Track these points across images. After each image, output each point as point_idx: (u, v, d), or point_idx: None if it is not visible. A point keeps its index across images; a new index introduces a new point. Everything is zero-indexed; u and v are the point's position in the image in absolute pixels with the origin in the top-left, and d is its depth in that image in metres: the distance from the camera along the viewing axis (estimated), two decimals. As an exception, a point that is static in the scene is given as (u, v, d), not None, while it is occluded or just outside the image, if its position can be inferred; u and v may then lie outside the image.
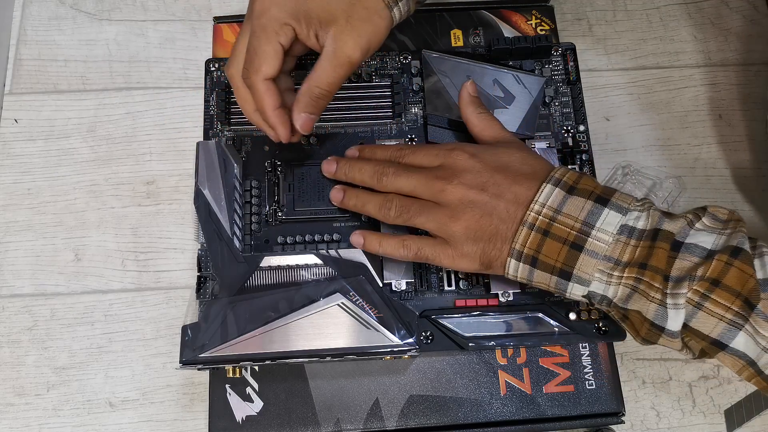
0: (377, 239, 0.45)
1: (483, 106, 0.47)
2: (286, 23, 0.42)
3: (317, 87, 0.43)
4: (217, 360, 0.43)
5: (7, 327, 0.51)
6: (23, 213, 0.54)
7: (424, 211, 0.43)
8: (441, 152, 0.44)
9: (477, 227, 0.41)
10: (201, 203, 0.46)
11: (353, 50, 0.42)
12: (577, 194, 0.40)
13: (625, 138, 0.56)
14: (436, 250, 0.43)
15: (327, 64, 0.42)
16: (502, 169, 0.42)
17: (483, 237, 0.41)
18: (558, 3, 0.59)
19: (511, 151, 0.44)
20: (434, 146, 0.46)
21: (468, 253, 0.42)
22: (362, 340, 0.43)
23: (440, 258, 0.43)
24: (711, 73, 0.59)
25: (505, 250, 0.41)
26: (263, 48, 0.42)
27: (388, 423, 0.45)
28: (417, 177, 0.43)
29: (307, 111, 0.44)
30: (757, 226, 0.54)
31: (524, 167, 0.42)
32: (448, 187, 0.42)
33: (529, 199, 0.41)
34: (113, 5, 0.60)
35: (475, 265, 0.42)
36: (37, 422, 0.49)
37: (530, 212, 0.40)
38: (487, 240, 0.41)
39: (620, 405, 0.46)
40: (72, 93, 0.57)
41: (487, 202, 0.41)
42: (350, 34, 0.42)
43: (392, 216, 0.44)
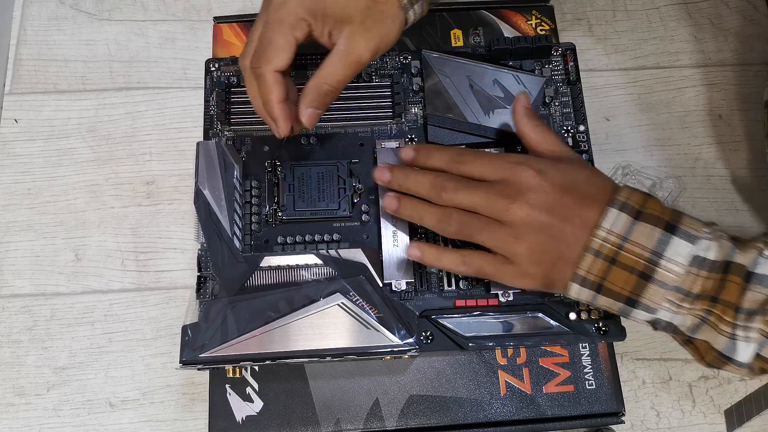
0: (436, 253, 0.44)
1: (538, 118, 0.46)
2: (303, 18, 0.42)
3: (326, 83, 0.43)
4: (217, 360, 0.43)
5: (7, 327, 0.51)
6: (23, 213, 0.54)
7: (485, 228, 0.41)
8: (505, 165, 0.42)
9: (542, 249, 0.40)
10: (201, 203, 0.46)
11: (364, 51, 0.42)
12: (645, 220, 0.39)
13: (625, 138, 0.56)
14: (497, 268, 0.42)
15: (337, 61, 0.43)
16: (569, 190, 0.41)
17: (547, 260, 0.41)
18: (558, 3, 0.59)
19: (576, 169, 0.42)
20: (496, 156, 0.44)
21: (530, 273, 0.41)
22: (362, 340, 0.43)
23: (501, 276, 0.42)
24: (710, 73, 0.59)
25: (568, 273, 0.40)
26: (277, 40, 0.42)
27: (388, 423, 0.45)
28: (479, 194, 0.41)
29: (313, 106, 0.44)
30: (757, 226, 0.54)
31: (590, 188, 0.41)
32: (512, 207, 0.40)
33: (594, 223, 0.39)
34: (113, 5, 0.60)
35: (536, 285, 0.42)
36: (37, 422, 0.49)
37: (595, 238, 0.39)
38: (551, 263, 0.41)
39: (620, 405, 0.46)
40: (72, 93, 0.57)
41: (554, 225, 0.40)
42: (363, 35, 0.42)
43: (452, 231, 0.42)
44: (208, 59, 0.53)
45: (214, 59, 0.53)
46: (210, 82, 0.52)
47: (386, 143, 0.50)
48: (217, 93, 0.51)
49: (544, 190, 0.40)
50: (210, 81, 0.52)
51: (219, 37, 0.55)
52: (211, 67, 0.53)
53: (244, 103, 0.51)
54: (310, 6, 0.42)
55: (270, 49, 0.42)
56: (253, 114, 0.51)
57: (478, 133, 0.50)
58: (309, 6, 0.42)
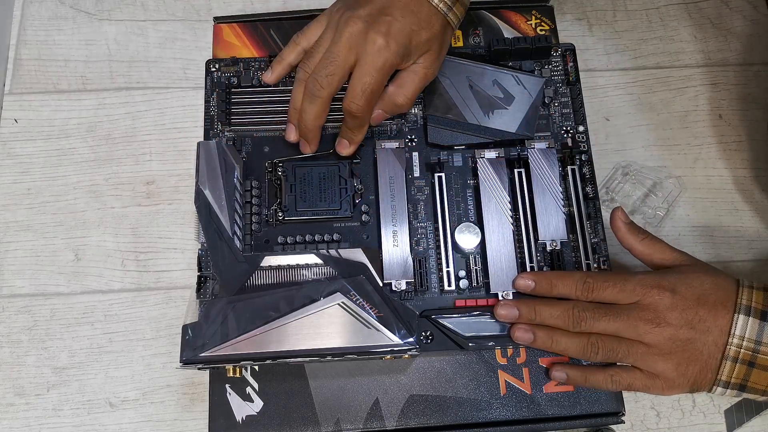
0: (582, 375, 0.45)
1: (641, 229, 0.46)
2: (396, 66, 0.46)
3: (403, 95, 0.47)
4: (217, 359, 0.43)
5: (7, 327, 0.51)
6: (23, 213, 0.54)
7: (631, 352, 0.43)
8: (637, 289, 0.43)
9: (687, 363, 0.43)
10: (202, 203, 0.46)
11: (435, 72, 0.48)
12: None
13: (625, 138, 0.56)
14: (645, 383, 0.44)
15: (417, 80, 0.47)
16: (701, 302, 0.43)
17: (692, 371, 0.43)
18: (558, 3, 0.59)
19: (701, 277, 0.44)
20: (624, 280, 0.44)
21: (678, 384, 0.43)
22: (362, 339, 0.43)
23: (650, 390, 0.44)
24: (711, 73, 0.59)
25: (710, 379, 0.43)
26: None
27: (388, 423, 0.45)
28: (619, 321, 0.43)
29: (387, 111, 0.48)
30: (756, 226, 0.54)
31: (718, 293, 0.43)
32: (656, 330, 0.42)
33: (727, 331, 0.42)
34: (113, 5, 0.60)
35: (683, 392, 0.44)
36: (37, 422, 0.49)
37: (730, 346, 0.42)
38: (696, 373, 0.43)
39: (620, 405, 0.46)
40: (72, 93, 0.57)
41: (696, 339, 0.42)
42: (438, 60, 0.48)
43: (597, 358, 0.44)
44: (208, 60, 0.53)
45: (215, 59, 0.53)
46: (210, 82, 0.52)
47: (386, 143, 0.50)
48: (217, 93, 0.51)
49: (681, 308, 0.43)
50: (210, 81, 0.53)
51: (219, 37, 0.55)
52: (211, 67, 0.53)
53: (244, 104, 0.51)
54: (404, 53, 0.45)
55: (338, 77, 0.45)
56: (253, 114, 0.51)
57: (477, 133, 0.50)
58: (402, 53, 0.45)
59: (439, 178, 0.50)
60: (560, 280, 0.45)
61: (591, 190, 0.50)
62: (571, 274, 0.46)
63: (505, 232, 0.48)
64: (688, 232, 0.54)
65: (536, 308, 0.45)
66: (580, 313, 0.44)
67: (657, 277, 0.44)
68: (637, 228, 0.46)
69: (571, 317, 0.44)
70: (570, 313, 0.44)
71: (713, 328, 0.42)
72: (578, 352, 0.44)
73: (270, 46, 0.54)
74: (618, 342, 0.43)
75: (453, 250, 0.48)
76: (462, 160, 0.51)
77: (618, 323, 0.43)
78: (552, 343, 0.45)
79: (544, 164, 0.49)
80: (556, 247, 0.48)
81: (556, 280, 0.45)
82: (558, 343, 0.44)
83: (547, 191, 0.49)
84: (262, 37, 0.55)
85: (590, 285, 0.44)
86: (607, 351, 0.43)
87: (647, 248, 0.46)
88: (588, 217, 0.49)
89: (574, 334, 0.44)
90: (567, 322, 0.44)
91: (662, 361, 0.43)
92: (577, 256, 0.48)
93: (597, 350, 0.43)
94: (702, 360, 0.42)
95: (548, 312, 0.45)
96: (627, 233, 0.46)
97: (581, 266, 0.48)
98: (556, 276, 0.46)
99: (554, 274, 0.46)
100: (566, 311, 0.44)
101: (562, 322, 0.44)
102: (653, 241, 0.46)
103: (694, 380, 0.43)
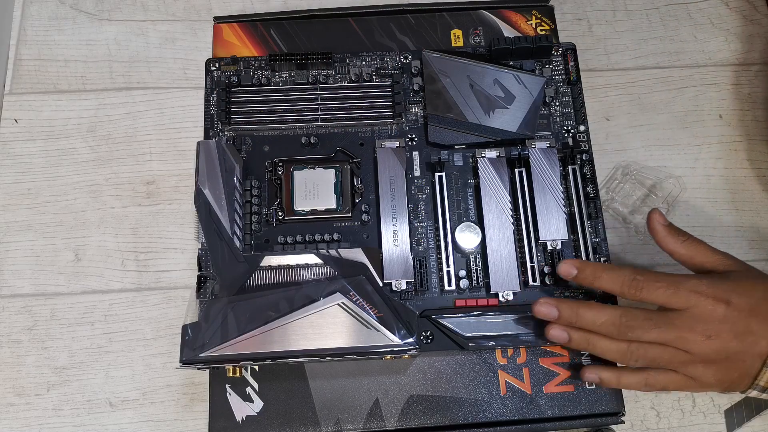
0: (616, 377, 0.44)
1: (680, 230, 0.45)
2: None
3: None
4: (217, 359, 0.43)
5: (7, 327, 0.51)
6: (23, 213, 0.54)
7: (674, 360, 0.42)
8: (691, 296, 0.42)
9: (727, 370, 0.42)
10: (201, 203, 0.46)
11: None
12: None
13: (625, 138, 0.56)
14: (680, 385, 0.43)
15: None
16: (754, 313, 0.41)
17: (731, 377, 0.42)
18: (558, 3, 0.59)
19: (755, 286, 0.42)
20: (675, 282, 0.42)
21: (713, 387, 0.43)
22: (362, 339, 0.43)
23: (684, 390, 0.43)
24: (711, 73, 0.59)
25: (747, 383, 0.42)
26: None
27: (388, 423, 0.45)
28: (669, 333, 0.41)
29: None
30: (756, 226, 0.54)
31: None
32: (704, 342, 0.41)
33: None
34: (113, 5, 0.60)
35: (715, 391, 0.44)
36: (37, 422, 0.49)
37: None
38: (733, 379, 0.42)
39: (620, 405, 0.46)
40: (72, 93, 0.57)
41: (743, 351, 0.41)
42: None
43: (638, 365, 0.43)
44: (208, 59, 0.53)
45: (215, 59, 0.53)
46: (210, 81, 0.52)
47: (386, 143, 0.50)
48: (217, 93, 0.51)
49: (733, 320, 0.41)
50: (210, 81, 0.53)
51: (219, 37, 0.55)
52: (211, 66, 0.53)
53: (244, 103, 0.51)
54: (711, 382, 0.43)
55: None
56: (253, 113, 0.51)
57: (478, 132, 0.50)
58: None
59: (440, 178, 0.50)
60: (606, 272, 0.43)
61: (592, 190, 0.50)
62: (619, 269, 0.43)
63: (505, 232, 0.48)
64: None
65: (579, 311, 0.43)
66: (628, 322, 0.42)
67: (711, 285, 0.42)
68: (677, 230, 0.45)
69: (618, 326, 0.42)
70: (618, 322, 0.42)
71: (761, 341, 0.41)
72: (616, 358, 0.43)
73: (270, 46, 0.55)
74: (661, 350, 0.42)
75: (453, 250, 0.48)
76: (462, 160, 0.51)
77: (667, 335, 0.41)
78: (588, 346, 0.43)
79: (544, 164, 0.49)
80: (556, 247, 0.48)
81: (602, 272, 0.43)
82: (595, 346, 0.43)
83: (547, 191, 0.49)
84: (262, 37, 0.55)
85: (639, 283, 0.42)
86: (648, 360, 0.42)
87: (689, 251, 0.44)
88: (589, 217, 0.49)
89: (613, 340, 0.43)
90: (612, 330, 0.42)
91: (703, 368, 0.42)
92: (578, 256, 0.48)
93: (637, 358, 0.42)
94: (743, 368, 0.42)
95: (592, 317, 0.42)
96: (667, 236, 0.44)
97: (581, 266, 0.48)
98: (602, 268, 0.44)
99: (600, 266, 0.44)
100: (613, 319, 0.42)
101: (606, 329, 0.42)
102: (695, 243, 0.45)
103: (730, 383, 0.42)
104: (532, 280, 0.47)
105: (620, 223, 0.54)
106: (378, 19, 0.55)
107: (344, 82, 0.52)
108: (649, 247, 0.53)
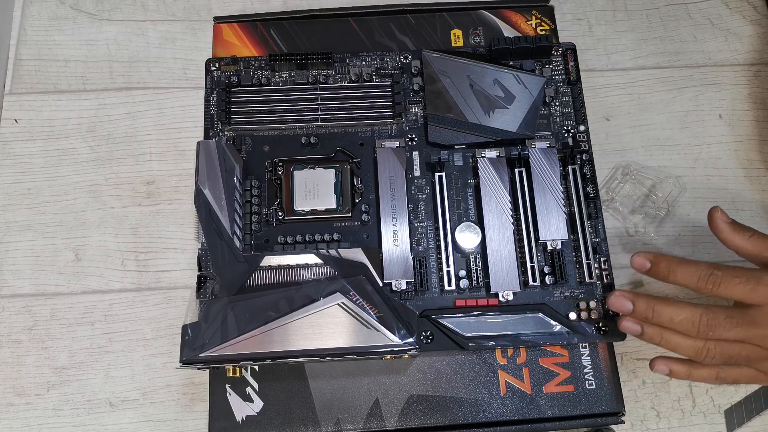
0: (687, 371, 0.43)
1: (745, 226, 0.44)
2: None
3: None
4: (217, 359, 0.43)
5: (7, 327, 0.51)
6: (23, 213, 0.54)
7: (751, 357, 0.41)
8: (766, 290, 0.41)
9: None
10: (201, 203, 0.46)
11: None
12: None
13: (625, 138, 0.56)
14: (751, 379, 0.43)
15: None
16: None
17: None
18: (558, 3, 0.59)
19: None
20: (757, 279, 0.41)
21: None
22: (362, 339, 0.43)
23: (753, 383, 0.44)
24: (711, 73, 0.59)
25: None
26: None
27: (388, 423, 0.45)
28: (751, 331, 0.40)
29: None
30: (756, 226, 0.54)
31: None
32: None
33: None
34: (113, 5, 0.60)
35: None
36: (37, 422, 0.49)
37: None
38: None
39: (620, 405, 0.46)
40: (72, 93, 0.57)
41: None
42: None
43: (713, 362, 0.42)
44: (208, 59, 0.53)
45: (214, 59, 0.53)
46: (210, 81, 0.53)
47: (386, 143, 0.50)
48: (217, 92, 0.51)
49: None
50: (210, 81, 0.53)
51: (219, 37, 0.55)
52: (211, 66, 0.53)
53: (244, 103, 0.51)
54: None
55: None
56: (253, 113, 0.51)
57: (478, 132, 0.50)
58: None
59: (440, 178, 0.50)
60: (682, 266, 0.42)
61: (592, 190, 0.50)
62: (695, 263, 0.42)
63: (505, 232, 0.48)
64: (688, 232, 0.54)
65: (656, 308, 0.42)
66: (709, 321, 0.40)
67: None
68: (741, 226, 0.44)
69: (699, 325, 0.41)
70: (698, 320, 0.41)
71: None
72: (691, 355, 0.42)
73: (270, 46, 0.55)
74: (740, 348, 0.41)
75: (453, 250, 0.48)
76: (462, 160, 0.51)
77: (749, 333, 0.40)
78: (662, 341, 0.42)
79: (544, 164, 0.49)
80: (556, 247, 0.48)
81: (677, 266, 0.42)
82: (669, 342, 0.42)
83: (547, 191, 0.49)
84: (262, 37, 0.55)
85: (717, 278, 0.41)
86: (725, 357, 0.41)
87: (756, 246, 0.43)
88: (589, 217, 0.49)
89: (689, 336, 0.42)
90: (691, 329, 0.41)
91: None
92: (578, 256, 0.48)
93: (714, 356, 0.41)
94: None
95: (669, 314, 0.41)
96: (732, 233, 0.44)
97: (582, 266, 0.48)
98: (677, 262, 0.43)
99: (676, 259, 0.43)
100: (693, 317, 0.41)
101: (684, 327, 0.41)
102: (761, 237, 0.44)
103: None
104: (532, 280, 0.47)
105: (620, 223, 0.54)
106: (378, 19, 0.55)
107: (344, 82, 0.52)
108: (650, 247, 0.53)
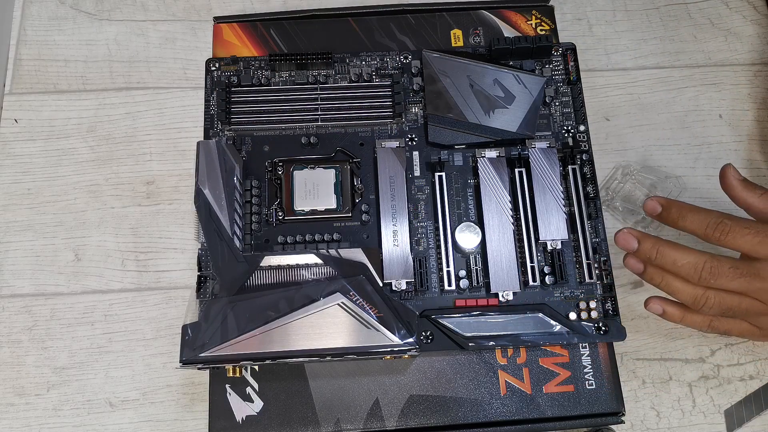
0: (680, 314, 0.43)
1: (756, 184, 0.44)
2: None
3: None
4: (217, 359, 0.43)
5: (7, 327, 0.51)
6: (23, 213, 0.54)
7: (750, 311, 0.41)
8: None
9: None
10: (201, 203, 0.46)
11: None
12: None
13: (625, 138, 0.56)
14: (743, 332, 0.42)
15: None
16: None
17: None
18: (558, 3, 0.59)
19: None
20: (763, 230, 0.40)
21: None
22: (362, 339, 0.43)
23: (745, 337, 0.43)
24: (711, 73, 0.59)
25: None
26: None
27: (388, 423, 0.45)
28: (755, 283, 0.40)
29: None
30: (757, 226, 0.54)
31: None
32: None
33: None
34: (113, 5, 0.60)
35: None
36: (37, 422, 0.49)
37: None
38: None
39: (620, 405, 0.46)
40: (72, 93, 0.57)
41: None
42: None
43: (710, 312, 0.42)
44: (208, 59, 0.53)
45: (215, 59, 0.53)
46: (210, 81, 0.53)
47: (386, 142, 0.50)
48: (217, 92, 0.51)
49: None
50: (210, 81, 0.53)
51: (219, 37, 0.55)
52: (211, 66, 0.53)
53: (244, 103, 0.51)
54: None
55: None
56: (252, 113, 0.51)
57: (478, 132, 0.50)
58: None
59: (440, 178, 0.50)
60: (692, 213, 0.42)
61: (592, 190, 0.50)
62: (706, 210, 0.42)
63: (505, 232, 0.48)
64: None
65: (660, 249, 0.41)
66: (713, 269, 0.40)
67: None
68: (753, 184, 0.43)
69: (702, 272, 0.40)
70: (701, 267, 0.40)
71: None
72: (688, 301, 0.41)
73: (270, 46, 0.55)
74: (739, 300, 0.40)
75: (453, 250, 0.48)
76: (462, 160, 0.51)
77: (751, 285, 0.40)
78: (662, 283, 0.42)
79: (544, 164, 0.49)
80: (556, 247, 0.48)
81: (688, 212, 0.42)
82: (669, 285, 0.42)
83: (547, 191, 0.49)
84: (262, 37, 0.55)
85: (726, 227, 0.40)
86: (723, 308, 0.40)
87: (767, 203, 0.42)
88: (589, 217, 0.49)
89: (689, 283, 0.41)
90: (693, 274, 0.40)
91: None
92: (578, 256, 0.48)
93: (712, 305, 0.40)
94: None
95: (673, 257, 0.41)
96: (743, 190, 0.43)
97: (582, 266, 0.48)
98: (687, 208, 0.42)
99: (687, 205, 0.42)
100: (696, 263, 0.40)
101: (686, 272, 0.40)
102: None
103: None
104: (532, 280, 0.47)
105: (620, 223, 0.54)
106: (378, 19, 0.55)
107: (344, 82, 0.52)
108: (649, 247, 0.53)
